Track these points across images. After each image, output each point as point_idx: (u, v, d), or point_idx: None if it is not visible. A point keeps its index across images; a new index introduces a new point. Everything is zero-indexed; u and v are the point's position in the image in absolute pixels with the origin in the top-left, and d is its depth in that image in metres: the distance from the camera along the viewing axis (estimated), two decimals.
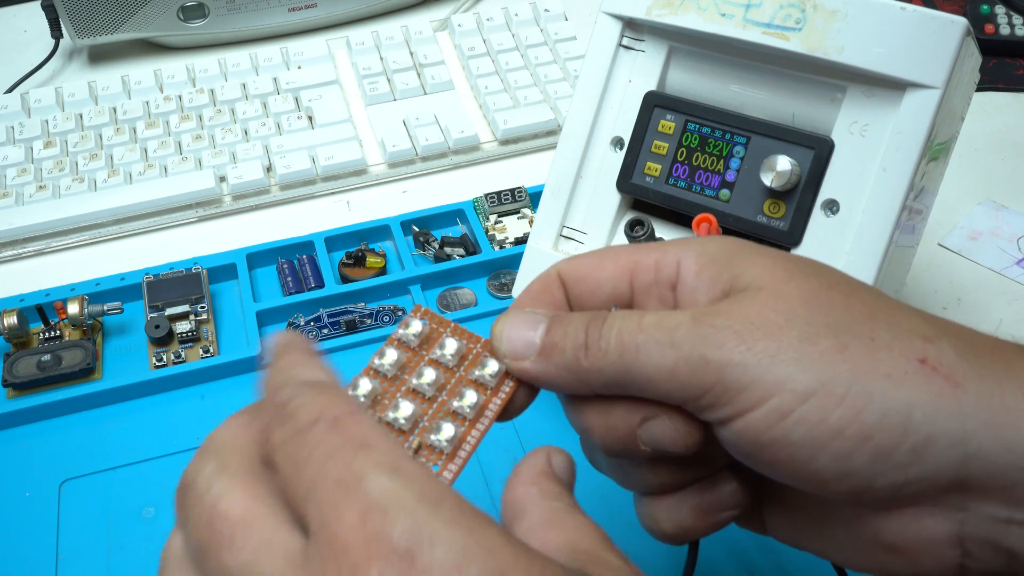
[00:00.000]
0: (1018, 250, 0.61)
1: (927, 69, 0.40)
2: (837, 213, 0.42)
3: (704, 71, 0.46)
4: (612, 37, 0.47)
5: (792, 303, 0.27)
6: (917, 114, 0.40)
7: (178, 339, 0.56)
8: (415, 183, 0.69)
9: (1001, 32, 0.77)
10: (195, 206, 0.66)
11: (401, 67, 0.75)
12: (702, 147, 0.45)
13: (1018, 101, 0.74)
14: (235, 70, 0.75)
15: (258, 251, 0.61)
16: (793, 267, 0.29)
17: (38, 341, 0.56)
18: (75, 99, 0.73)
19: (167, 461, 0.50)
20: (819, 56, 0.41)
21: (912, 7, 0.40)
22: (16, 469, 0.50)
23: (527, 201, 0.64)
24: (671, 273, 0.30)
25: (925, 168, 0.42)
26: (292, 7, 0.81)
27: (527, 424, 0.51)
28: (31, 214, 0.64)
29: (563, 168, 0.48)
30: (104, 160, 0.68)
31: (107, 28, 0.78)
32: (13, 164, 0.68)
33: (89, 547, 0.47)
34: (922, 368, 0.26)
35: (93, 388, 0.53)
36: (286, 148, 0.69)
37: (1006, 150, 0.69)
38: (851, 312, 0.27)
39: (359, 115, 0.73)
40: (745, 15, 0.43)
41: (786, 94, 0.44)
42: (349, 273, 0.60)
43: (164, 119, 0.71)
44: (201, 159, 0.68)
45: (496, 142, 0.71)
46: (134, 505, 0.48)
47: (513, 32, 0.77)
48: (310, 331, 0.56)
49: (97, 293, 0.58)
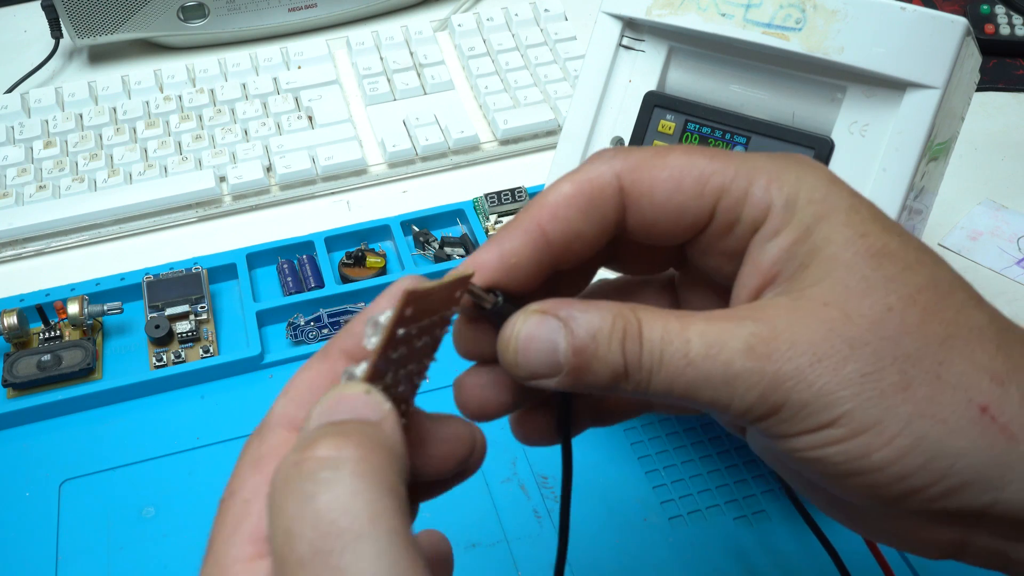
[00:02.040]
0: (1018, 250, 0.61)
1: (927, 69, 0.40)
2: None
3: (704, 71, 0.46)
4: (612, 37, 0.47)
5: (861, 328, 0.25)
6: (917, 114, 0.40)
7: (178, 339, 0.56)
8: (415, 183, 0.69)
9: (1001, 32, 0.77)
10: (195, 206, 0.66)
11: (401, 67, 0.75)
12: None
13: (1018, 101, 0.74)
14: (235, 70, 0.75)
15: (258, 251, 0.61)
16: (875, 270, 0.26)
17: (38, 341, 0.56)
18: (75, 99, 0.73)
19: (167, 461, 0.50)
20: (819, 56, 0.41)
21: (912, 7, 0.40)
22: (16, 469, 0.50)
23: (527, 201, 0.64)
24: (757, 219, 0.27)
25: (925, 168, 0.42)
26: (292, 7, 0.81)
27: None
28: (31, 214, 0.64)
29: (563, 168, 0.48)
30: (104, 160, 0.68)
31: (107, 28, 0.78)
32: (13, 164, 0.68)
33: (89, 547, 0.47)
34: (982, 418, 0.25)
35: (93, 388, 0.53)
36: (286, 148, 0.69)
37: (1006, 150, 0.69)
38: (924, 337, 0.25)
39: (359, 115, 0.73)
40: (745, 15, 0.43)
41: (786, 94, 0.44)
42: (349, 273, 0.60)
43: (164, 119, 0.71)
44: (201, 159, 0.68)
45: (496, 142, 0.71)
46: (134, 505, 0.48)
47: (513, 32, 0.77)
48: (310, 331, 0.56)
49: (97, 293, 0.58)
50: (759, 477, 0.48)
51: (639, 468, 0.49)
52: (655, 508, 0.47)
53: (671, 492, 0.48)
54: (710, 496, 0.48)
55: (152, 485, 0.49)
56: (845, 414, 0.24)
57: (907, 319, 0.25)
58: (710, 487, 0.48)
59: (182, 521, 0.48)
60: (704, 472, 0.49)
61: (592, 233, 0.28)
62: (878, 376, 0.25)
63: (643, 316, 0.26)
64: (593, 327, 0.25)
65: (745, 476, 0.48)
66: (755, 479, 0.48)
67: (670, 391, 0.25)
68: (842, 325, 0.25)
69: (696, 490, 0.48)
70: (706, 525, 0.47)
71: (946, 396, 0.25)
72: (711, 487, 0.48)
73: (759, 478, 0.48)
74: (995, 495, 0.25)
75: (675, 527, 0.46)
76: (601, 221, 0.27)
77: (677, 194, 0.27)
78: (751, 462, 0.49)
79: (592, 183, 0.27)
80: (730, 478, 0.48)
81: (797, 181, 0.27)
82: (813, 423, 0.25)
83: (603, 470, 0.49)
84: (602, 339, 0.25)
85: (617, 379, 0.25)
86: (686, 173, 0.27)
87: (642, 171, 0.27)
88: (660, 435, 0.50)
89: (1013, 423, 0.25)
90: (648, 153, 0.28)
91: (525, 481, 0.49)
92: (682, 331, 0.25)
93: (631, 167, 0.27)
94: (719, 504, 0.47)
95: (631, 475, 0.49)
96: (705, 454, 0.49)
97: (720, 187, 0.27)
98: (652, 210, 0.27)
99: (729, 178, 0.27)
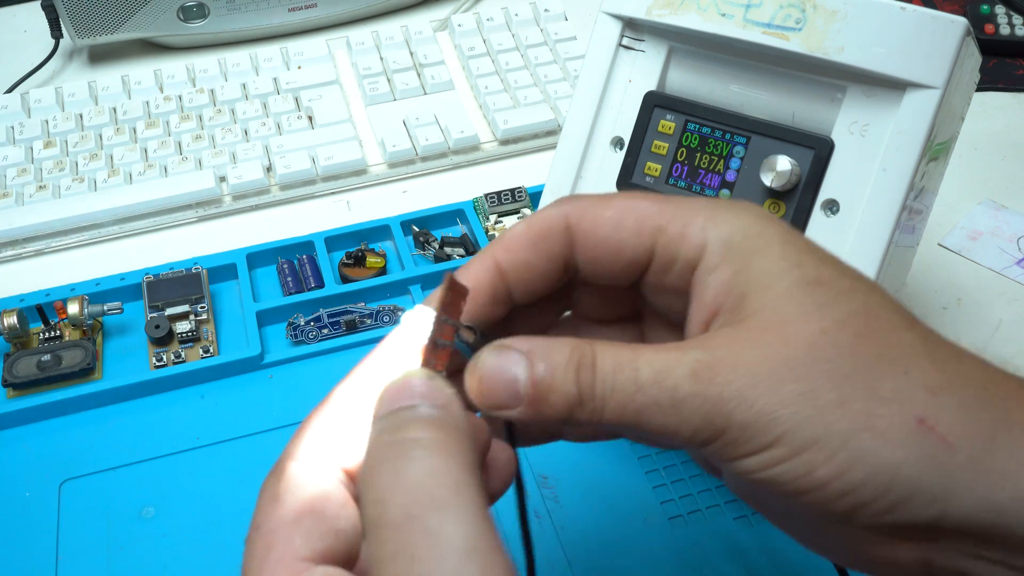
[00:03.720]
0: (1018, 250, 0.61)
1: (927, 69, 0.40)
2: (837, 213, 0.42)
3: (704, 71, 0.46)
4: (612, 37, 0.47)
5: (797, 348, 0.26)
6: (917, 114, 0.40)
7: (178, 339, 0.56)
8: (415, 183, 0.69)
9: (1001, 32, 0.77)
10: (195, 206, 0.66)
11: (401, 67, 0.75)
12: (702, 147, 0.45)
13: (1018, 101, 0.74)
14: (235, 70, 0.75)
15: (258, 251, 0.61)
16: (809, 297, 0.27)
17: (38, 341, 0.56)
18: (75, 99, 0.73)
19: (167, 461, 0.50)
20: (819, 56, 0.41)
21: (912, 7, 0.40)
22: (16, 469, 0.50)
23: (527, 201, 0.64)
24: (694, 257, 0.29)
25: (925, 168, 0.42)
26: (292, 7, 0.81)
27: None
28: (31, 214, 0.64)
29: (563, 168, 0.48)
30: (104, 160, 0.68)
31: (107, 28, 0.78)
32: (13, 164, 0.68)
33: (89, 547, 0.47)
34: (919, 429, 0.25)
35: (93, 388, 0.53)
36: (286, 148, 0.69)
37: (1006, 150, 0.69)
38: (858, 356, 0.26)
39: (359, 115, 0.73)
40: (745, 15, 0.43)
41: (786, 94, 0.44)
42: (349, 273, 0.60)
43: (164, 119, 0.71)
44: (201, 159, 0.68)
45: (496, 142, 0.71)
46: (134, 505, 0.48)
47: (513, 32, 0.77)
48: (310, 331, 0.56)
49: (97, 293, 0.58)
50: None
51: (639, 468, 0.49)
52: (655, 508, 0.47)
53: (671, 492, 0.48)
54: (710, 496, 0.48)
55: (152, 485, 0.49)
56: (785, 433, 0.25)
57: (840, 341, 0.26)
58: (710, 487, 0.48)
59: (182, 521, 0.48)
60: (704, 472, 0.49)
61: (541, 264, 0.30)
62: (815, 395, 0.25)
63: (597, 348, 0.27)
64: (552, 360, 0.27)
65: None
66: None
67: (622, 418, 0.26)
68: (779, 349, 0.26)
69: (696, 490, 0.48)
70: (706, 525, 0.47)
71: (882, 410, 0.25)
72: (711, 487, 0.48)
73: None
74: (941, 507, 0.25)
75: (675, 527, 0.46)
76: (548, 253, 0.30)
77: (617, 232, 0.29)
78: None
79: (543, 221, 0.30)
80: None
81: (733, 219, 0.28)
82: (757, 444, 0.26)
83: (603, 470, 0.49)
84: (558, 371, 0.27)
85: (572, 408, 0.27)
86: (627, 214, 0.29)
87: (587, 212, 0.30)
88: None
89: (951, 432, 0.25)
90: (596, 198, 0.30)
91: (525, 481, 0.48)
92: (633, 360, 0.26)
93: (579, 209, 0.30)
94: (719, 504, 0.47)
95: (631, 475, 0.49)
96: None
97: (657, 227, 0.29)
98: (595, 248, 0.30)
99: (667, 219, 0.29)
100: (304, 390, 0.53)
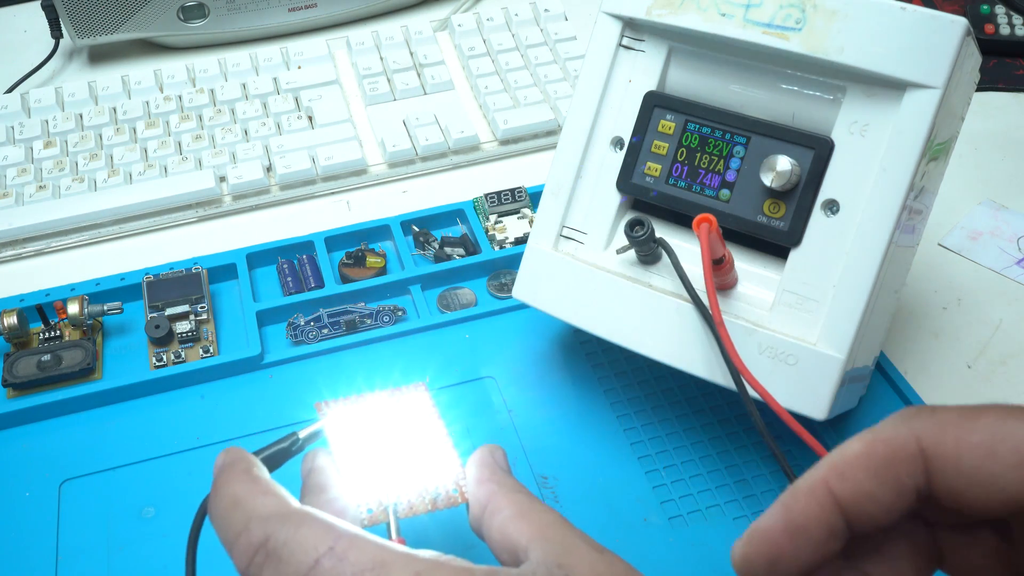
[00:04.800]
0: (1018, 250, 0.61)
1: (927, 69, 0.40)
2: (837, 213, 0.42)
3: (704, 71, 0.46)
4: (612, 37, 0.47)
5: None
6: (917, 114, 0.40)
7: (178, 339, 0.56)
8: (415, 183, 0.69)
9: (1001, 32, 0.77)
10: (195, 206, 0.66)
11: (401, 67, 0.75)
12: (702, 147, 0.45)
13: (1018, 101, 0.74)
14: (235, 70, 0.75)
15: (258, 251, 0.61)
16: None
17: (38, 341, 0.56)
18: (75, 99, 0.73)
19: (167, 461, 0.50)
20: (819, 56, 0.41)
21: (912, 7, 0.40)
22: (16, 469, 0.50)
23: (527, 201, 0.64)
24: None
25: (925, 168, 0.42)
26: (292, 7, 0.81)
27: (526, 424, 0.51)
28: (31, 214, 0.64)
29: (563, 168, 0.48)
30: (104, 160, 0.68)
31: (107, 28, 0.78)
32: (13, 164, 0.68)
33: (89, 547, 0.47)
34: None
35: (93, 388, 0.53)
36: (286, 148, 0.69)
37: (1006, 150, 0.69)
38: None
39: (359, 115, 0.73)
40: (745, 15, 0.43)
41: (786, 94, 0.44)
42: (349, 273, 0.60)
43: (164, 119, 0.71)
44: (201, 159, 0.68)
45: (496, 142, 0.71)
46: (134, 505, 0.48)
47: (513, 32, 0.77)
48: (310, 331, 0.56)
49: (97, 293, 0.58)
50: (759, 477, 0.48)
51: (639, 468, 0.49)
52: (655, 508, 0.47)
53: (671, 492, 0.48)
54: (710, 496, 0.48)
55: (152, 485, 0.49)
56: None
57: None
58: (710, 487, 0.48)
59: (182, 521, 0.47)
60: (704, 472, 0.49)
61: (888, 497, 0.25)
62: None
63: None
64: None
65: (745, 476, 0.48)
66: (755, 479, 0.48)
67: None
68: None
69: (696, 490, 0.48)
70: (706, 525, 0.47)
71: None
72: (711, 487, 0.48)
73: (759, 478, 0.48)
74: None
75: (675, 527, 0.46)
76: (896, 484, 0.25)
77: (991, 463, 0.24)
78: (751, 462, 0.49)
79: (888, 444, 0.25)
80: (730, 478, 0.48)
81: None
82: None
83: (603, 470, 0.49)
84: None
85: None
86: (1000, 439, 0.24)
87: (947, 435, 0.24)
88: (660, 435, 0.50)
89: None
90: (955, 415, 0.25)
91: (525, 481, 0.49)
92: None
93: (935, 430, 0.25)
94: (719, 504, 0.47)
95: (631, 475, 0.49)
96: (705, 454, 0.49)
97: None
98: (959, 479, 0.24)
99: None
100: (304, 390, 0.53)
